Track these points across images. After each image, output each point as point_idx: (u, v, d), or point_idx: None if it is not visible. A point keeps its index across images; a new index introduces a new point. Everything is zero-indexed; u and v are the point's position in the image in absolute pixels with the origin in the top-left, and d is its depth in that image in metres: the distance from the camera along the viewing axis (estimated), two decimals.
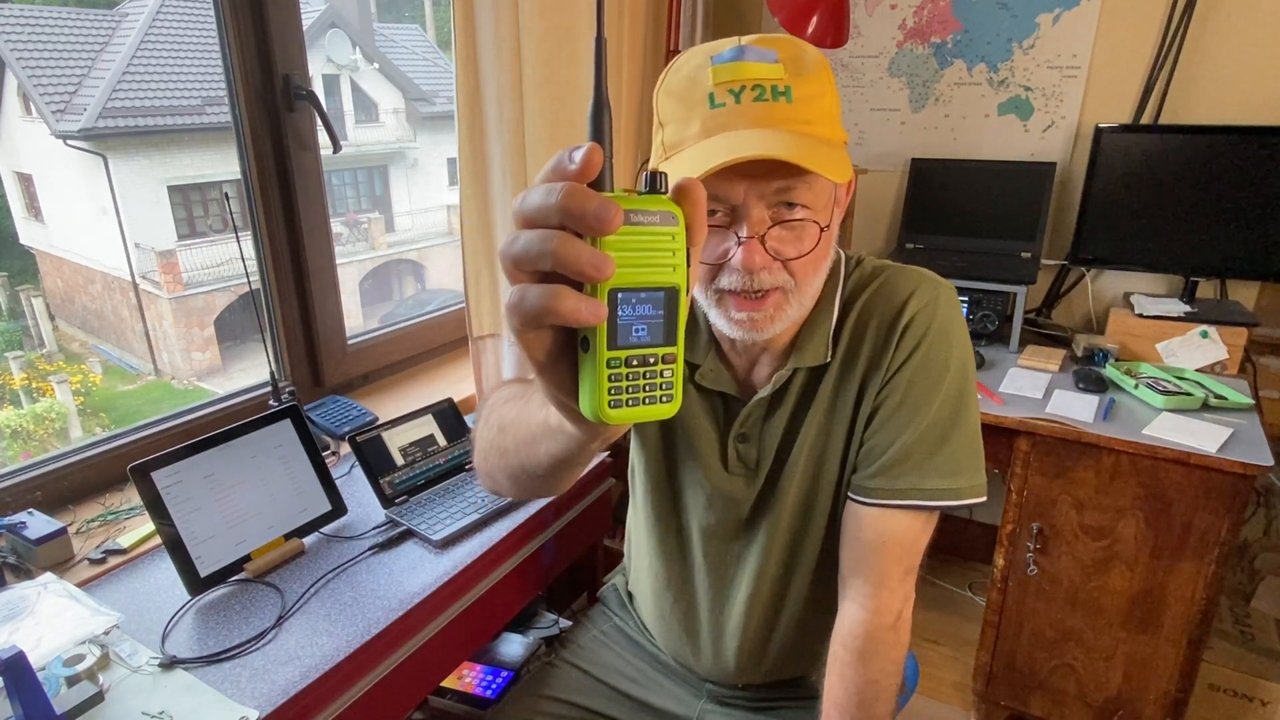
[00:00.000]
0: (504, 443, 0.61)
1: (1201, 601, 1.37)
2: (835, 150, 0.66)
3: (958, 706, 1.77)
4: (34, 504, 1.03)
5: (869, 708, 0.77)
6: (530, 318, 0.34)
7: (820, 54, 0.70)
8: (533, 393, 0.55)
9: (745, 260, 0.66)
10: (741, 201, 0.66)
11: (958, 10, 1.90)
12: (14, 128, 5.94)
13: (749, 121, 0.65)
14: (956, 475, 0.76)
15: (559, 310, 0.33)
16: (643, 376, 0.37)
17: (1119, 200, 1.71)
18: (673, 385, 0.38)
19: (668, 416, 0.38)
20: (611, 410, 0.37)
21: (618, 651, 1.04)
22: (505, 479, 0.65)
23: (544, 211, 0.33)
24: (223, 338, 6.37)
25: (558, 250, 0.33)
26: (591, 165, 0.34)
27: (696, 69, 0.68)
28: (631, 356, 0.36)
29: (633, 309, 0.36)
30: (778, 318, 0.70)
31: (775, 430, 0.82)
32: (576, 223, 0.33)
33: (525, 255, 0.34)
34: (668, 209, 0.36)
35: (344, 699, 0.84)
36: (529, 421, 0.54)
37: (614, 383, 0.36)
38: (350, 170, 8.14)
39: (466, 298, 1.43)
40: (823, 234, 0.68)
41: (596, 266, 0.33)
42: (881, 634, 0.77)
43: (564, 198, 0.33)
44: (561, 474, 0.58)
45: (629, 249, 0.35)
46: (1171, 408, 1.44)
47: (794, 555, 0.86)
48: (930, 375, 0.75)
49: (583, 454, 0.50)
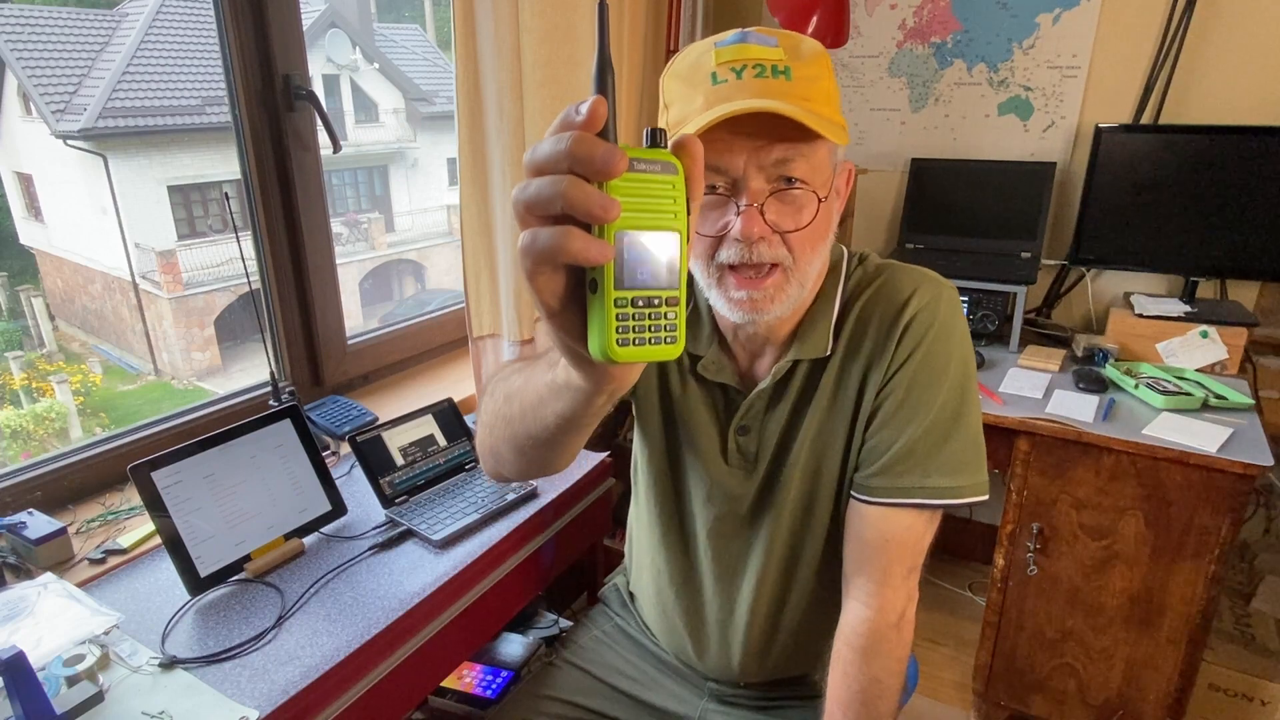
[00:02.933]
0: (510, 411, 0.62)
1: (1201, 601, 1.37)
2: (833, 124, 0.67)
3: (958, 706, 1.77)
4: (34, 504, 1.03)
5: (872, 706, 0.77)
6: (542, 257, 0.37)
7: (820, 46, 0.71)
8: (539, 360, 0.57)
9: (744, 229, 0.67)
10: (741, 173, 0.67)
11: (958, 10, 1.90)
12: (14, 128, 5.94)
13: (750, 94, 0.66)
14: (959, 473, 0.76)
15: (569, 248, 0.36)
16: (648, 317, 0.39)
17: (1119, 200, 1.71)
18: (676, 327, 0.40)
19: (672, 357, 0.40)
20: (619, 348, 0.38)
21: (619, 651, 1.04)
22: (510, 450, 0.66)
23: (554, 158, 0.36)
24: (223, 338, 6.37)
25: (567, 192, 0.35)
26: (596, 116, 0.36)
27: (701, 54, 0.70)
28: (637, 297, 0.38)
29: (637, 252, 0.38)
30: (778, 297, 0.70)
31: (776, 423, 0.82)
32: (584, 167, 0.35)
33: (537, 199, 0.36)
34: (668, 160, 0.38)
35: (344, 699, 0.84)
36: (536, 385, 0.56)
37: (621, 321, 0.38)
38: (350, 170, 8.15)
39: (466, 298, 1.43)
40: (820, 206, 0.69)
41: (604, 207, 0.35)
42: (885, 632, 0.77)
43: (573, 144, 0.35)
44: (567, 439, 0.59)
45: (633, 195, 0.37)
46: (1171, 408, 1.44)
47: (796, 551, 0.86)
48: (932, 374, 0.75)
49: (589, 410, 0.51)
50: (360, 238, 7.86)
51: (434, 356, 1.69)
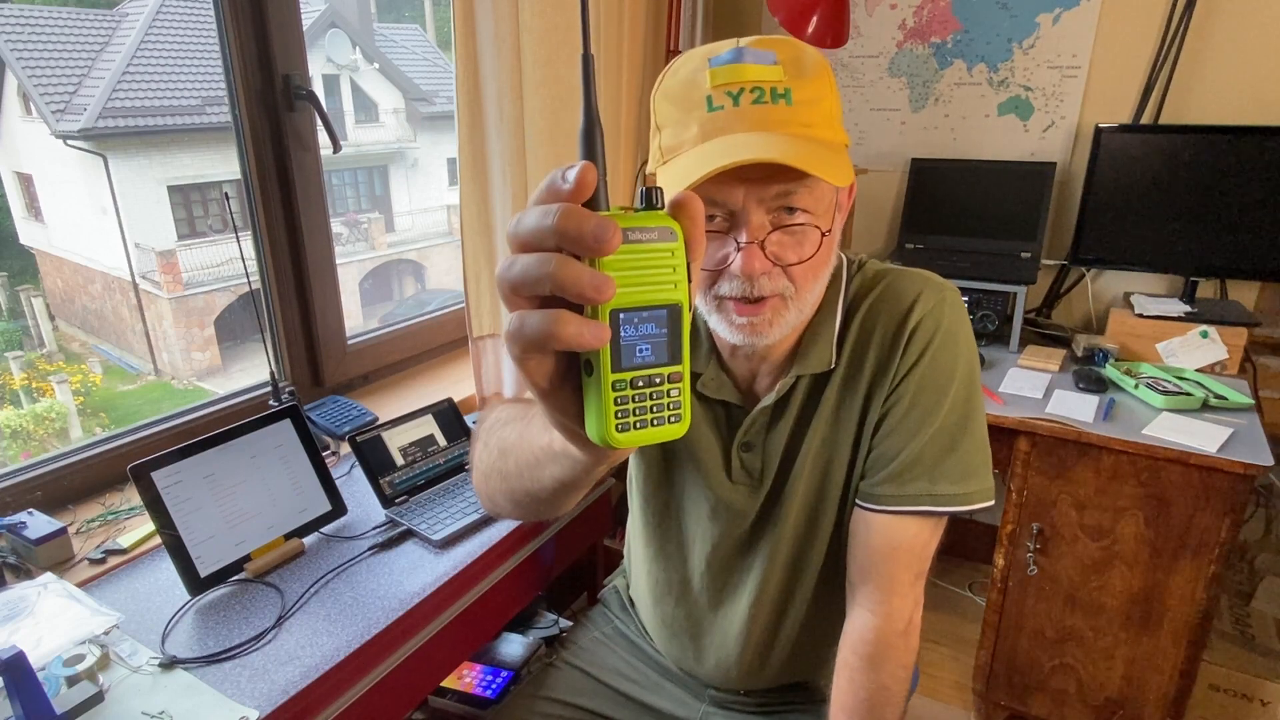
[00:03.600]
0: (505, 467, 0.59)
1: (1201, 601, 1.37)
2: (836, 153, 0.65)
3: (958, 706, 1.77)
4: (34, 504, 1.03)
5: (879, 713, 0.76)
6: (532, 344, 0.33)
7: (821, 56, 0.68)
8: (534, 415, 0.53)
9: (745, 267, 0.65)
10: (741, 207, 0.64)
11: (958, 10, 1.90)
12: (14, 128, 5.94)
13: (747, 125, 0.63)
14: (966, 480, 0.75)
15: (561, 335, 0.32)
16: (649, 397, 0.36)
17: (1119, 200, 1.71)
18: (680, 405, 0.37)
19: (677, 437, 0.37)
20: (619, 434, 0.36)
21: (619, 653, 1.03)
22: (507, 502, 0.63)
23: (540, 234, 0.32)
24: (223, 338, 6.37)
25: (556, 273, 0.32)
26: (585, 184, 0.32)
27: (694, 71, 0.66)
28: (637, 378, 0.35)
29: (635, 329, 0.35)
30: (776, 322, 0.69)
31: (779, 439, 0.81)
32: (574, 244, 0.32)
33: (523, 280, 0.33)
34: (666, 225, 0.35)
35: (344, 699, 0.84)
36: (531, 445, 0.52)
37: (620, 405, 0.35)
38: (350, 170, 8.15)
39: (466, 298, 1.43)
40: (824, 239, 0.67)
41: (597, 288, 0.32)
42: (892, 639, 0.77)
43: (560, 219, 0.31)
44: (565, 496, 0.57)
45: (629, 268, 0.34)
46: (1171, 408, 1.44)
47: (799, 563, 0.85)
48: (938, 380, 0.74)
49: (587, 477, 0.49)
50: (360, 238, 7.86)
51: (434, 356, 1.69)
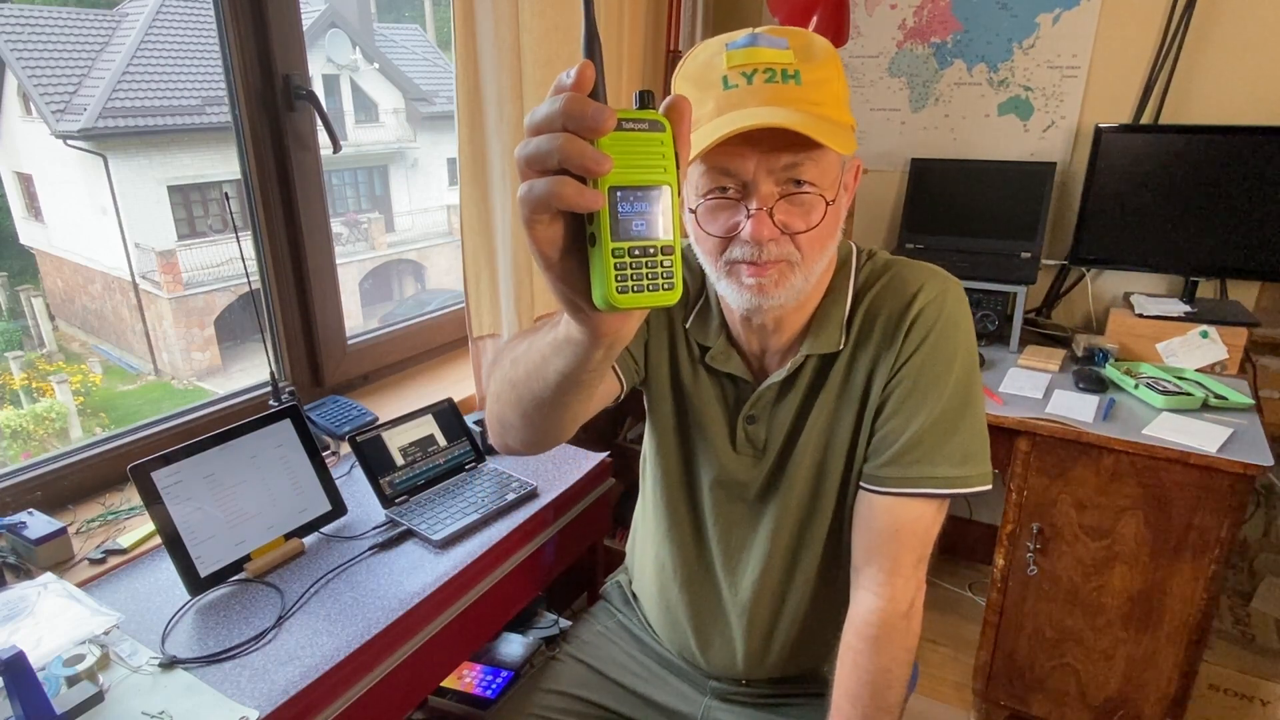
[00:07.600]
0: (515, 374, 0.67)
1: (1201, 601, 1.37)
2: (842, 129, 0.69)
3: (958, 706, 1.77)
4: (34, 504, 1.03)
5: (881, 696, 0.78)
6: (539, 204, 0.40)
7: (830, 45, 0.72)
8: (541, 327, 0.62)
9: (754, 231, 0.69)
10: (751, 177, 0.69)
11: (958, 10, 1.90)
12: (14, 128, 5.94)
13: (760, 100, 0.67)
14: (966, 463, 0.78)
15: (563, 195, 0.39)
16: (645, 265, 0.42)
17: (1119, 200, 1.71)
18: (672, 274, 0.42)
19: (671, 303, 0.43)
20: (620, 295, 0.41)
21: (622, 647, 1.04)
22: (515, 415, 0.70)
23: (550, 118, 0.39)
24: (223, 338, 6.37)
25: (563, 147, 0.39)
26: (584, 78, 0.39)
27: (712, 55, 0.71)
28: (634, 248, 0.41)
29: (631, 205, 0.41)
30: (783, 284, 0.72)
31: (785, 414, 0.84)
32: (577, 124, 0.39)
33: (536, 154, 0.40)
34: (656, 118, 0.41)
35: (344, 699, 0.84)
36: (539, 345, 0.60)
37: (620, 270, 0.41)
38: (350, 170, 8.15)
39: (466, 298, 1.43)
40: (829, 209, 0.71)
41: (596, 161, 0.39)
42: (895, 622, 0.78)
43: (565, 104, 0.39)
44: (568, 399, 0.63)
45: (624, 152, 0.40)
46: (1171, 408, 1.44)
47: (802, 538, 0.87)
48: (939, 364, 0.77)
49: (588, 365, 0.54)
50: (360, 238, 7.86)
51: (434, 356, 1.69)
